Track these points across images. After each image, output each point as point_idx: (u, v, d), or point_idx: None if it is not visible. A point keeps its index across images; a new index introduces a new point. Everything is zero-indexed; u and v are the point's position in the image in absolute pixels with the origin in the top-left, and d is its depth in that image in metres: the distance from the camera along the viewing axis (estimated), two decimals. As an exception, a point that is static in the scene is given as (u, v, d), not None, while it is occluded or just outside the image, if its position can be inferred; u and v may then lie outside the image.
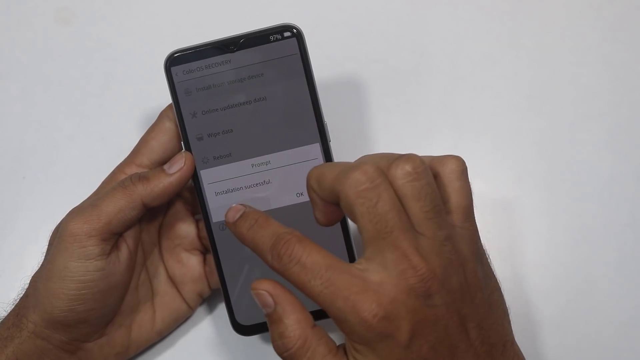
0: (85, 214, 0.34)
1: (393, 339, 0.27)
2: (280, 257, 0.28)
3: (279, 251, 0.28)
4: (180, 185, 0.35)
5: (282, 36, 0.35)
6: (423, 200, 0.27)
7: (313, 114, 0.36)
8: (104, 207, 0.34)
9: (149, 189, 0.35)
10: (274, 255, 0.28)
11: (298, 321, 0.28)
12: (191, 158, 0.36)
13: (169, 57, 0.36)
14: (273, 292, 0.29)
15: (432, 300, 0.27)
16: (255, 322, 0.37)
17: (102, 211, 0.34)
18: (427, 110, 0.44)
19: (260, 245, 0.29)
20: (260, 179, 0.36)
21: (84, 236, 0.34)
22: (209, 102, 0.36)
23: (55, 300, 0.34)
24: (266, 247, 0.29)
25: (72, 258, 0.34)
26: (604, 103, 0.45)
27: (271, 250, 0.28)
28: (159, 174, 0.35)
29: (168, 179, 0.35)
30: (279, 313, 0.29)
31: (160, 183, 0.35)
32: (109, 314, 0.36)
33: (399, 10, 0.46)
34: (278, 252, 0.28)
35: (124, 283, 0.36)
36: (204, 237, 0.38)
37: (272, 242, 0.28)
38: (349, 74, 0.45)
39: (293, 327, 0.28)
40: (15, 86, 0.46)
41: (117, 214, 0.34)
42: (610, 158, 0.43)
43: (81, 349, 0.36)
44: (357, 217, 0.27)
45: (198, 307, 0.40)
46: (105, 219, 0.34)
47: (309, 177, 0.30)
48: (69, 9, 0.47)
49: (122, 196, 0.34)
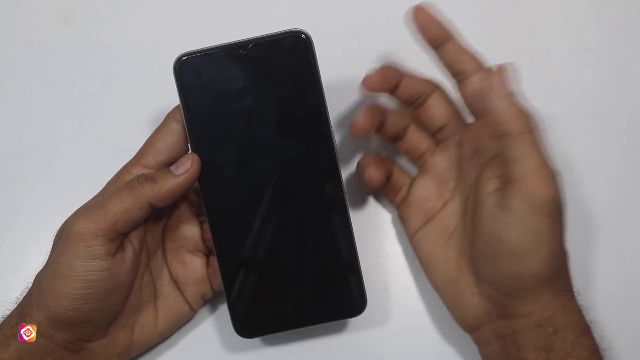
0: (91, 213, 0.34)
1: None
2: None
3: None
4: (186, 186, 0.35)
5: (291, 42, 0.35)
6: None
7: (321, 119, 0.36)
8: (111, 208, 0.34)
9: (155, 189, 0.35)
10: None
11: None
12: (198, 160, 0.36)
13: (178, 60, 0.35)
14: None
15: None
16: (258, 325, 0.37)
17: (108, 211, 0.34)
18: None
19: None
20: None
21: (90, 236, 0.34)
22: (216, 105, 0.36)
23: (60, 300, 0.34)
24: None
25: (77, 257, 0.34)
26: (604, 103, 0.45)
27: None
28: (165, 175, 0.35)
29: (175, 180, 0.35)
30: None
31: (167, 184, 0.35)
32: (113, 314, 0.36)
33: (399, 10, 0.46)
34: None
35: (128, 283, 0.36)
36: (207, 239, 0.38)
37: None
38: (349, 74, 0.45)
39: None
40: (15, 86, 0.46)
41: (123, 214, 0.34)
42: (610, 158, 0.43)
43: (84, 348, 0.36)
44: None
45: (200, 308, 0.40)
46: (112, 219, 0.34)
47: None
48: (69, 9, 0.47)
49: (129, 197, 0.34)
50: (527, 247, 0.33)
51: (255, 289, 0.37)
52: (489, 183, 0.35)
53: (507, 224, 0.33)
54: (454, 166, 0.39)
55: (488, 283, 0.35)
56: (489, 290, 0.35)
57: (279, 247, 0.37)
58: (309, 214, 0.37)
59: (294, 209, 0.36)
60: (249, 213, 0.36)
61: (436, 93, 0.39)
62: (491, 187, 0.35)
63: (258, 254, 0.37)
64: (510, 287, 0.34)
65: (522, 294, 0.34)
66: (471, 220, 0.37)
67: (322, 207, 0.37)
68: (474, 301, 0.36)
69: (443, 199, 0.39)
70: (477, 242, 0.36)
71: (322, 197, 0.36)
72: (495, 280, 0.35)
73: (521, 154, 0.33)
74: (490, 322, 0.36)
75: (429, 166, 0.39)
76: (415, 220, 0.39)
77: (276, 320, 0.37)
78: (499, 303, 0.35)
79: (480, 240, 0.35)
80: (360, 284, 0.37)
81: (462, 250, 0.37)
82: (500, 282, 0.35)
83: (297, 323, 0.38)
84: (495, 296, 0.35)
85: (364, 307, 0.37)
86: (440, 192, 0.39)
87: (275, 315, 0.37)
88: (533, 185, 0.33)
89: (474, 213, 0.36)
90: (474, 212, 0.36)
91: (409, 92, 0.38)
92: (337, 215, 0.37)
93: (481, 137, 0.36)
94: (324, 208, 0.37)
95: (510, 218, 0.33)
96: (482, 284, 0.36)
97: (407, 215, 0.40)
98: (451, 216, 0.38)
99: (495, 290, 0.35)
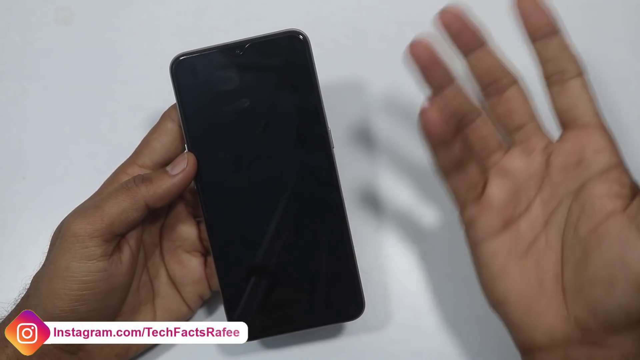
0: (87, 214, 0.34)
1: None
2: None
3: None
4: (183, 186, 0.35)
5: (288, 42, 0.35)
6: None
7: (317, 120, 0.36)
8: (107, 209, 0.34)
9: (152, 190, 0.35)
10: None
11: None
12: (194, 159, 0.36)
13: (175, 60, 0.36)
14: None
15: None
16: (255, 328, 0.37)
17: (105, 212, 0.34)
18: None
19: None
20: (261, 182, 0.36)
21: (86, 237, 0.34)
22: (213, 105, 0.36)
23: (57, 301, 0.34)
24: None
25: (74, 258, 0.34)
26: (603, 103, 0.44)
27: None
28: (161, 176, 0.35)
29: (171, 180, 0.35)
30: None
31: (164, 184, 0.35)
32: (110, 315, 0.36)
33: (399, 10, 0.46)
34: None
35: (125, 284, 0.36)
36: (205, 239, 0.38)
37: None
38: (349, 74, 0.45)
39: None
40: (15, 86, 0.46)
41: (120, 215, 0.34)
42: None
43: (82, 349, 0.36)
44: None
45: (198, 309, 0.40)
46: (108, 220, 0.34)
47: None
48: (68, 9, 0.47)
49: (126, 197, 0.34)
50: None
51: (252, 292, 0.37)
52: (607, 201, 0.31)
53: (638, 249, 0.30)
54: (538, 173, 0.34)
55: (588, 309, 0.31)
56: (585, 315, 0.31)
57: (275, 249, 0.37)
58: (305, 216, 0.36)
59: (291, 210, 0.36)
60: (245, 214, 0.36)
61: (517, 84, 0.34)
62: (611, 206, 0.31)
63: (255, 256, 0.37)
64: (615, 319, 0.31)
65: (624, 327, 0.31)
66: (571, 237, 0.33)
67: (319, 209, 0.37)
68: (557, 323, 0.32)
69: (520, 208, 0.34)
70: (589, 264, 0.31)
71: (319, 198, 0.36)
72: (600, 307, 0.31)
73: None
74: (567, 346, 0.32)
75: (507, 169, 0.35)
76: (489, 226, 0.34)
77: (273, 323, 0.37)
78: (591, 330, 0.31)
79: (595, 262, 0.31)
80: (358, 287, 0.37)
81: (545, 266, 0.33)
82: (606, 311, 0.31)
83: (294, 326, 0.38)
84: (589, 323, 0.31)
85: (362, 310, 0.37)
86: (518, 200, 0.34)
87: (272, 319, 0.37)
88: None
89: (580, 230, 0.32)
90: (580, 229, 0.32)
91: (486, 66, 0.34)
92: (335, 217, 0.37)
93: (587, 148, 0.33)
94: (321, 209, 0.37)
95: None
96: (577, 307, 0.32)
97: (480, 218, 0.34)
98: (530, 228, 0.34)
99: (594, 317, 0.31)
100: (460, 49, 0.34)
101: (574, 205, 0.33)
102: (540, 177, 0.34)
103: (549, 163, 0.34)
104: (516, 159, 0.35)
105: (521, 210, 0.34)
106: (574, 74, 0.33)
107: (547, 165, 0.34)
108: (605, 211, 0.31)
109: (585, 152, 0.33)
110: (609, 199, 0.32)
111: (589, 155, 0.33)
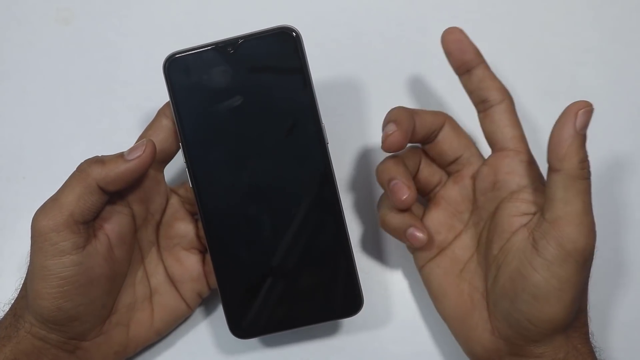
0: (47, 209, 0.34)
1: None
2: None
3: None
4: (137, 172, 0.35)
5: (280, 38, 0.35)
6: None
7: (311, 116, 0.36)
8: (63, 199, 0.34)
9: (104, 172, 0.34)
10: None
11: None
12: (152, 146, 0.35)
13: (168, 58, 0.36)
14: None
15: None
16: (253, 326, 0.37)
17: (62, 203, 0.34)
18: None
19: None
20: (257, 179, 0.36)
21: (51, 233, 0.33)
22: (206, 103, 0.36)
23: (42, 301, 0.34)
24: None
25: (46, 257, 0.33)
26: (604, 103, 0.45)
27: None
28: (116, 159, 0.35)
29: (125, 165, 0.34)
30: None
31: (117, 168, 0.34)
32: (100, 310, 0.36)
33: (399, 10, 0.46)
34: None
35: (105, 275, 0.35)
36: (202, 236, 0.38)
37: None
38: (349, 74, 0.45)
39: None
40: (15, 86, 0.46)
41: (77, 202, 0.34)
42: (610, 158, 0.43)
43: (79, 348, 0.36)
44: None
45: (197, 306, 0.40)
46: (67, 210, 0.33)
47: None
48: (69, 9, 0.47)
49: (78, 182, 0.34)
50: (549, 292, 0.32)
51: (250, 290, 0.37)
52: (514, 219, 0.34)
53: (533, 263, 0.32)
54: (468, 198, 0.37)
55: (503, 320, 0.34)
56: (503, 327, 0.34)
57: (272, 247, 0.37)
58: (301, 212, 0.36)
59: (287, 207, 0.36)
60: (241, 211, 0.36)
61: (446, 126, 0.37)
62: (517, 224, 0.34)
63: (252, 254, 0.37)
64: (524, 329, 0.33)
65: (535, 337, 0.33)
66: (489, 256, 0.36)
67: (315, 205, 0.36)
68: (486, 336, 0.35)
69: (455, 231, 0.38)
70: (498, 278, 0.34)
71: (315, 195, 0.36)
72: (510, 318, 0.34)
73: (568, 197, 0.31)
74: (500, 357, 0.35)
75: (441, 198, 0.38)
76: (426, 252, 0.38)
77: (272, 320, 0.37)
78: (512, 341, 0.34)
79: (503, 276, 0.34)
80: (356, 283, 0.37)
81: (475, 284, 0.36)
82: (516, 321, 0.33)
83: (293, 323, 0.38)
84: (508, 334, 0.34)
85: (361, 306, 0.37)
86: (452, 224, 0.38)
87: (270, 316, 0.37)
88: (571, 232, 0.31)
89: (493, 248, 0.35)
90: (493, 247, 0.35)
91: (423, 132, 0.37)
92: (330, 213, 0.36)
93: (500, 170, 0.35)
94: (316, 206, 0.36)
95: (538, 258, 0.32)
96: (496, 320, 0.35)
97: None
98: (464, 249, 0.37)
99: (509, 328, 0.34)
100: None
101: (492, 225, 0.36)
102: (471, 201, 0.37)
103: (474, 187, 0.37)
104: (449, 188, 0.38)
105: (457, 234, 0.38)
106: (496, 102, 0.36)
107: (474, 190, 0.37)
108: (512, 229, 0.34)
109: (498, 174, 0.35)
110: (516, 217, 0.34)
111: (501, 177, 0.35)
